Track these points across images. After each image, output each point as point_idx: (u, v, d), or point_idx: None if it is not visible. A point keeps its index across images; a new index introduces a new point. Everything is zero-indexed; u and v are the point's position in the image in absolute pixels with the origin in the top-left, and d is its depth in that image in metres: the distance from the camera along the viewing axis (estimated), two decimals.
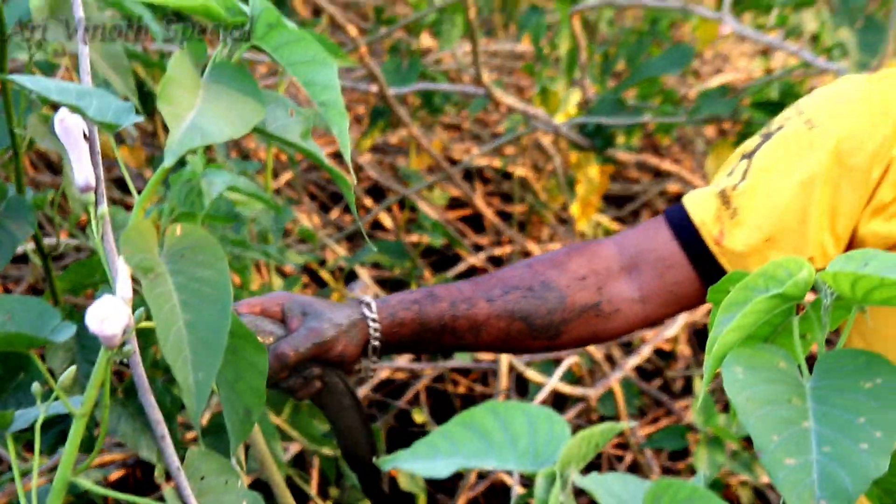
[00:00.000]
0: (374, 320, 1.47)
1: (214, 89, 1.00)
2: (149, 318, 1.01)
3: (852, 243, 1.56)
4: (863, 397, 0.83)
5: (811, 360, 0.90)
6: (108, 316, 0.96)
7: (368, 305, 1.47)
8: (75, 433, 1.04)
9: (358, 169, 3.36)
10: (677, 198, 3.40)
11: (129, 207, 2.55)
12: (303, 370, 1.45)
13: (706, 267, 1.56)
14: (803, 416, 0.83)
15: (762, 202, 1.54)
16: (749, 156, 1.58)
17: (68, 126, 1.07)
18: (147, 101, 2.31)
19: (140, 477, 2.56)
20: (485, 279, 1.55)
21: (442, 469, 0.79)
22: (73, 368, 1.07)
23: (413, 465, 0.81)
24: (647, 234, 1.59)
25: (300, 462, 2.61)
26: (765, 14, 3.06)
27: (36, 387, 1.07)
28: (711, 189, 1.57)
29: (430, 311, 1.50)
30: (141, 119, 1.06)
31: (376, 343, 1.48)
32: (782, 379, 0.86)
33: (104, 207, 1.08)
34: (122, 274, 1.00)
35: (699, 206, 1.56)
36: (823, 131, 1.54)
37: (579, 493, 0.80)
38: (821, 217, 1.53)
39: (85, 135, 1.08)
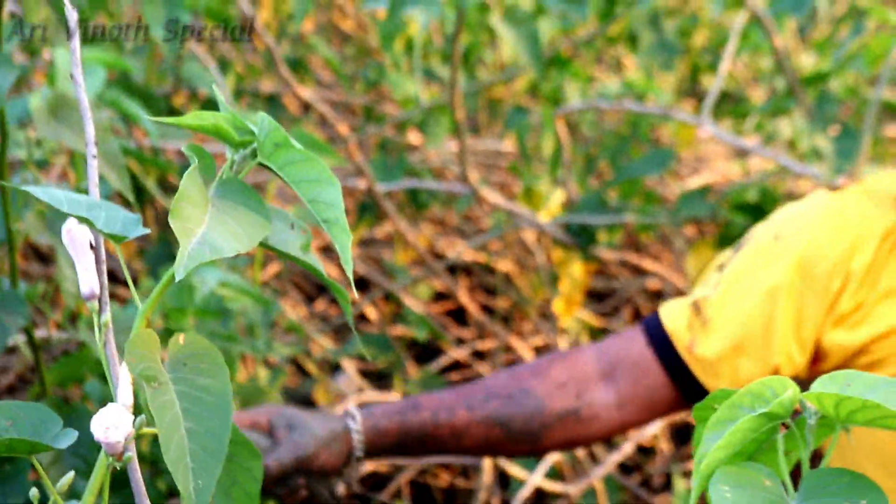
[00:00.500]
0: (357, 432, 1.49)
1: (222, 205, 1.02)
2: (149, 424, 1.03)
3: (817, 351, 1.59)
4: None
5: (795, 475, 0.91)
6: (113, 424, 0.97)
7: (353, 417, 1.50)
8: None
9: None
10: (657, 294, 3.43)
11: (114, 296, 2.56)
12: (288, 481, 1.47)
13: (680, 374, 1.61)
14: None
15: (731, 312, 1.59)
16: (722, 268, 1.63)
17: (75, 236, 1.09)
18: (140, 195, 2.33)
19: None
20: (468, 387, 1.61)
21: None
22: (71, 474, 1.07)
23: None
24: (625, 342, 1.64)
25: None
26: (743, 119, 3.10)
27: (34, 492, 1.07)
28: (686, 300, 1.63)
29: (412, 421, 1.53)
30: (148, 231, 1.08)
31: (360, 454, 1.50)
32: (768, 498, 0.87)
33: (108, 315, 1.09)
34: (123, 381, 1.02)
35: (673, 315, 1.62)
36: (788, 244, 1.60)
37: None
38: (786, 326, 1.58)
39: (91, 245, 1.10)
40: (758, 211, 2.48)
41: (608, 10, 2.76)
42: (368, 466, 2.83)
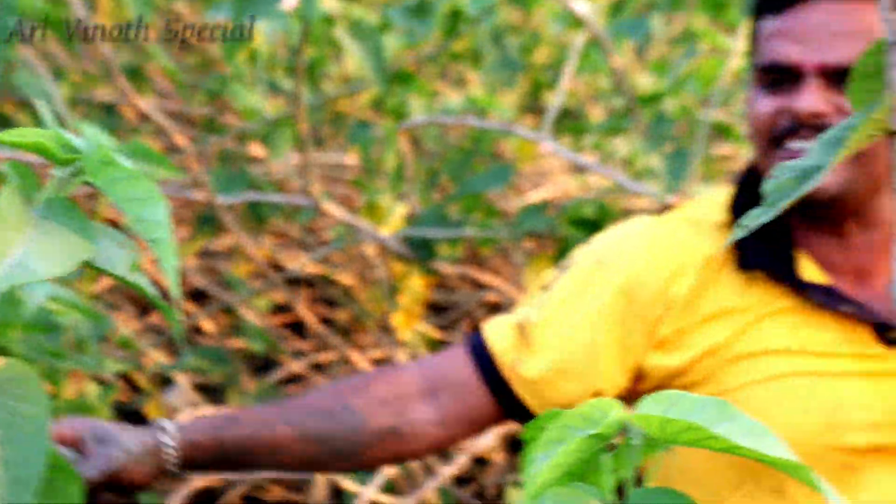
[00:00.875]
0: (170, 446, 1.47)
1: (45, 225, 1.00)
2: None
3: (637, 373, 1.61)
4: None
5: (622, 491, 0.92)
6: None
7: (165, 431, 1.48)
8: None
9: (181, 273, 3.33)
10: (496, 307, 3.45)
11: None
12: (95, 496, 1.44)
13: (503, 393, 1.61)
14: None
15: (555, 336, 1.60)
16: (547, 289, 1.64)
17: None
18: None
19: None
20: (289, 403, 1.63)
21: None
22: None
23: None
24: (448, 361, 1.64)
25: None
26: (582, 136, 3.14)
27: None
28: (511, 318, 1.64)
29: (229, 436, 1.52)
30: None
31: (173, 468, 1.48)
32: None
33: None
34: None
35: (497, 334, 1.62)
36: (611, 270, 1.61)
37: None
38: (609, 350, 1.59)
39: None
40: (595, 226, 2.50)
41: (452, 26, 2.77)
42: (200, 482, 2.81)
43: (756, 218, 0.79)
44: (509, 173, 2.65)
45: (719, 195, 1.71)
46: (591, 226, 2.54)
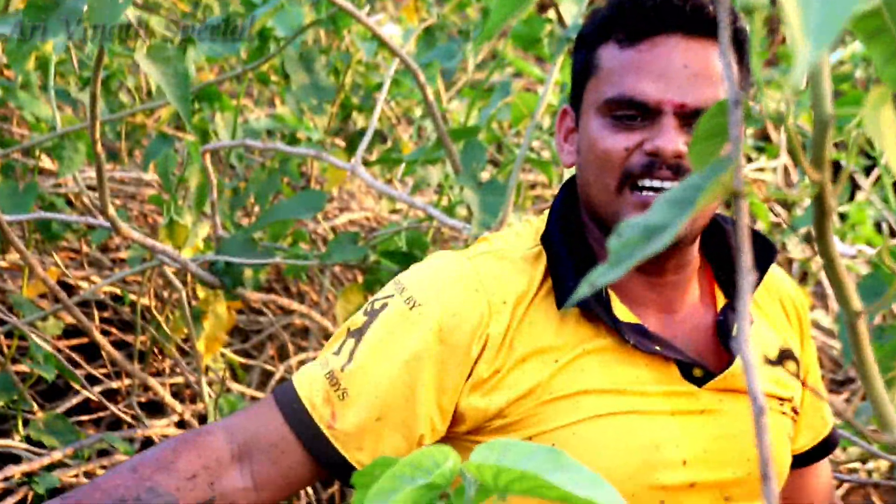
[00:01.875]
0: None
1: None
2: None
3: (454, 416, 1.63)
4: None
5: None
6: None
7: None
8: None
9: None
10: (303, 331, 3.46)
11: None
12: None
13: (320, 447, 1.60)
14: None
15: (370, 382, 1.60)
16: (355, 334, 1.63)
17: None
18: None
19: None
20: (87, 492, 1.53)
21: None
22: None
23: None
24: (259, 419, 1.62)
25: None
26: (394, 164, 3.16)
27: None
28: (320, 369, 1.62)
29: None
30: None
31: None
32: None
33: None
34: None
35: (308, 388, 1.61)
36: (425, 311, 1.62)
37: None
38: (428, 394, 1.60)
39: None
40: (407, 258, 2.54)
41: (261, 45, 2.78)
42: None
43: (601, 276, 0.81)
44: (321, 201, 2.66)
45: (527, 226, 1.74)
46: (402, 257, 2.57)
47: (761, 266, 1.69)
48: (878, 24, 0.89)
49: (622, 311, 1.64)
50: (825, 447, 1.87)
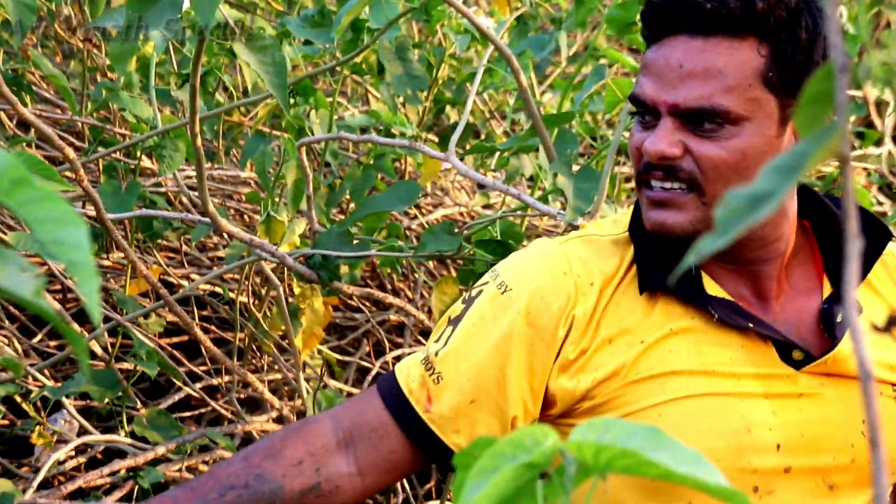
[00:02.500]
0: None
1: None
2: None
3: (545, 398, 1.63)
4: None
5: None
6: None
7: None
8: None
9: (65, 291, 3.28)
10: (399, 327, 3.47)
11: None
12: None
13: (418, 433, 1.62)
14: None
15: (463, 366, 1.62)
16: (454, 322, 1.67)
17: None
18: None
19: None
20: (202, 481, 1.57)
21: None
22: None
23: None
24: (361, 407, 1.65)
25: None
26: (488, 154, 3.17)
27: None
28: (419, 356, 1.66)
29: None
30: None
31: None
32: None
33: None
34: None
35: (407, 374, 1.65)
36: (514, 294, 1.64)
37: None
38: (519, 376, 1.61)
39: None
40: (501, 246, 2.53)
41: (354, 38, 2.78)
42: None
43: (710, 245, 0.80)
44: (415, 193, 2.65)
45: (626, 214, 1.74)
46: (497, 246, 2.56)
47: (873, 247, 1.66)
48: None
49: (713, 288, 1.63)
50: None
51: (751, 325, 1.61)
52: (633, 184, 3.71)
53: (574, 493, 1.55)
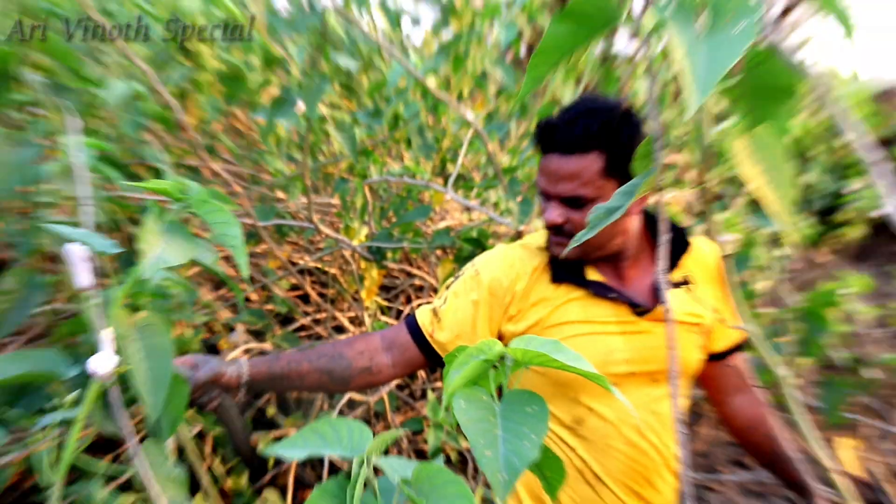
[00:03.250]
0: (244, 368, 1.50)
1: (168, 236, 1.01)
2: (124, 363, 1.00)
3: (499, 336, 1.63)
4: (526, 417, 0.88)
5: (498, 393, 0.94)
6: (102, 362, 0.94)
7: (241, 363, 1.50)
8: (76, 426, 1.01)
9: (233, 265, 3.29)
10: (420, 288, 3.46)
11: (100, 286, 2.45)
12: (205, 392, 1.44)
13: (426, 350, 1.63)
14: (496, 427, 0.86)
15: (452, 316, 1.62)
16: (449, 287, 1.66)
17: (73, 252, 1.05)
18: (115, 226, 2.24)
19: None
20: (309, 350, 1.59)
21: (301, 454, 0.81)
22: (76, 392, 1.04)
23: (284, 452, 0.82)
24: (397, 331, 1.66)
25: (200, 436, 2.53)
26: (470, 189, 3.16)
27: (55, 402, 1.03)
28: (430, 306, 1.66)
29: (275, 367, 1.54)
30: (120, 250, 1.05)
31: (245, 383, 1.49)
32: (484, 406, 0.90)
33: (98, 300, 1.05)
34: (107, 339, 0.99)
35: (422, 317, 1.65)
36: (483, 276, 1.63)
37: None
38: (483, 323, 1.62)
39: (88, 257, 1.06)
40: (477, 242, 2.53)
41: (394, 123, 2.78)
42: None
43: (583, 237, 0.81)
44: (428, 212, 2.66)
45: (542, 231, 1.74)
46: (475, 242, 2.56)
47: (679, 245, 1.66)
48: (736, 93, 0.87)
49: (592, 274, 1.63)
50: (735, 348, 1.79)
51: (612, 294, 1.61)
52: None
53: (510, 382, 1.56)
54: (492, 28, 2.71)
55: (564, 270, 1.62)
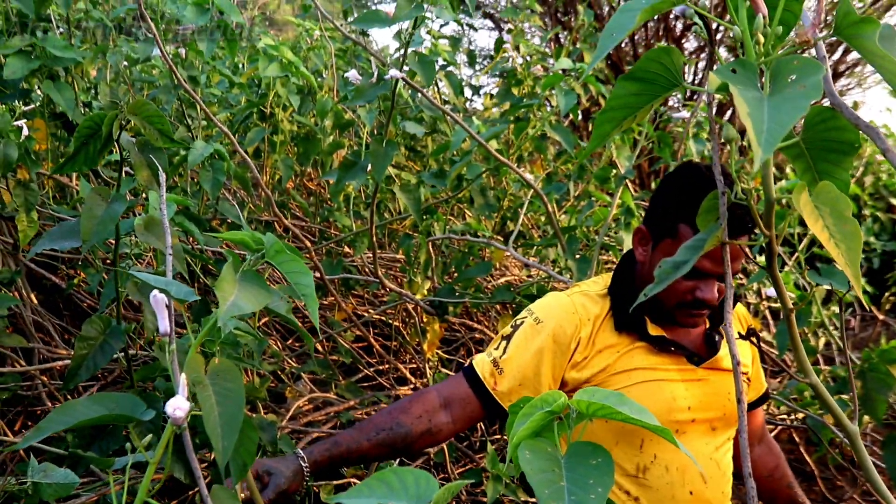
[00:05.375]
0: (306, 468, 1.45)
1: (243, 285, 1.00)
2: (197, 409, 0.99)
3: (562, 383, 1.58)
4: (591, 469, 0.84)
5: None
6: (177, 407, 0.93)
7: (302, 457, 1.45)
8: (150, 470, 1.00)
9: (304, 316, 3.30)
10: (480, 342, 3.43)
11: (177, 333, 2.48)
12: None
13: (488, 402, 1.58)
14: (560, 479, 0.83)
15: (515, 365, 1.57)
16: (507, 338, 1.63)
17: (158, 299, 1.05)
18: (192, 276, 2.27)
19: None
20: (364, 425, 1.53)
21: (368, 503, 0.78)
22: (150, 436, 1.03)
23: (350, 501, 0.79)
24: (455, 384, 1.60)
25: None
26: (529, 247, 3.15)
27: (128, 445, 1.02)
28: (487, 357, 1.60)
29: (336, 454, 1.49)
30: (197, 298, 1.05)
31: (307, 478, 1.45)
32: (549, 458, 0.87)
33: (174, 345, 1.05)
34: (182, 383, 0.98)
35: (481, 367, 1.59)
36: (545, 325, 1.59)
37: None
38: (547, 371, 1.57)
39: (167, 304, 1.06)
40: (535, 298, 2.49)
41: (457, 184, 2.79)
42: None
43: (652, 290, 0.78)
44: (489, 268, 2.65)
45: (603, 278, 1.70)
46: (534, 298, 2.53)
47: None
48: (798, 150, 0.84)
49: (654, 329, 1.59)
50: (762, 400, 1.80)
51: (672, 347, 1.57)
52: (607, 263, 3.66)
53: (574, 433, 1.50)
54: (552, 94, 2.71)
55: (628, 320, 1.58)
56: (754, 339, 1.64)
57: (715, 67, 0.73)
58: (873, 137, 0.74)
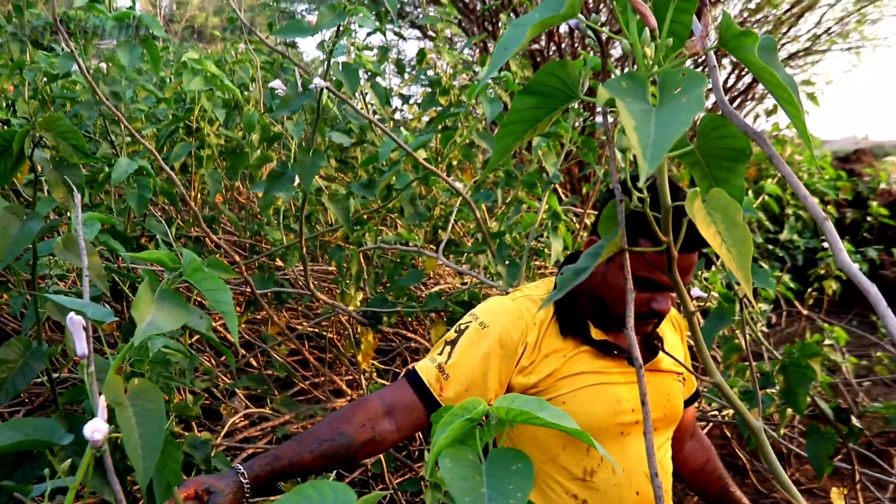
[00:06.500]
0: (246, 484, 1.41)
1: (162, 304, 0.99)
2: (117, 430, 0.97)
3: (508, 388, 1.58)
4: (511, 474, 0.85)
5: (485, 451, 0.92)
6: (96, 429, 0.92)
7: (242, 473, 1.41)
8: (70, 495, 0.98)
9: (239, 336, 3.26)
10: (415, 351, 3.43)
11: (100, 353, 2.42)
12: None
13: (434, 408, 1.55)
14: (481, 485, 0.84)
15: (461, 370, 1.56)
16: (451, 343, 1.60)
17: (75, 321, 1.03)
18: (119, 295, 2.22)
19: None
20: (307, 436, 1.50)
21: None
22: (70, 460, 1.01)
23: None
24: (397, 392, 1.57)
25: None
26: (461, 255, 3.15)
27: (47, 471, 1.00)
28: (431, 363, 1.58)
29: (277, 467, 1.45)
30: (115, 318, 1.03)
31: (248, 493, 1.41)
32: (470, 465, 0.87)
33: (92, 368, 1.03)
34: (101, 405, 0.96)
35: (426, 373, 1.57)
36: (491, 330, 1.58)
37: None
38: (493, 376, 1.56)
39: (84, 326, 1.04)
40: (468, 305, 2.51)
41: (387, 194, 2.79)
42: None
43: (554, 296, 0.80)
44: (421, 276, 2.65)
45: (544, 282, 1.71)
46: (466, 304, 2.55)
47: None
48: (694, 158, 0.87)
49: (597, 334, 1.61)
50: (694, 398, 1.84)
51: (615, 351, 1.60)
52: (538, 267, 3.70)
53: (518, 438, 1.50)
54: (478, 103, 2.74)
55: (572, 325, 1.60)
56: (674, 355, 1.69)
57: (605, 81, 0.75)
58: (760, 144, 0.77)
